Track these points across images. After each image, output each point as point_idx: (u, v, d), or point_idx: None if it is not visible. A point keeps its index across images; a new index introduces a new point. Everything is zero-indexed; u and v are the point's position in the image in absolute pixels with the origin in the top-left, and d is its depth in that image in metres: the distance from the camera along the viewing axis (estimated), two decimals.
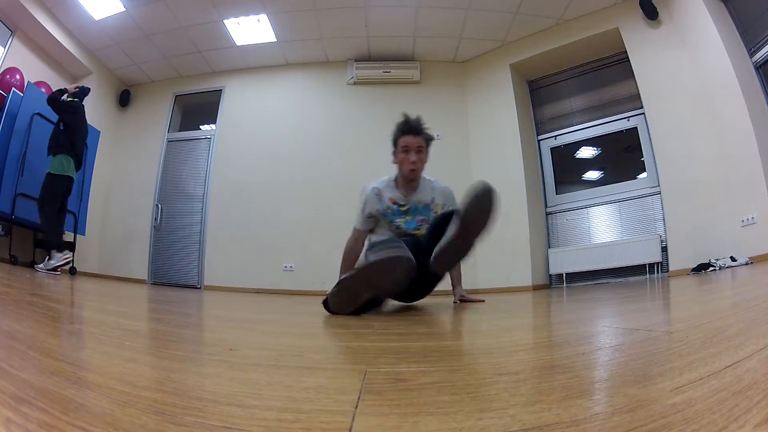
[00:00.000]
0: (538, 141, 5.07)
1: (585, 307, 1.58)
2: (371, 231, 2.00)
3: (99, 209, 5.17)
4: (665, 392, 0.35)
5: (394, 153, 1.95)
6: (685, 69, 3.93)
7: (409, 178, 1.92)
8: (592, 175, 5.11)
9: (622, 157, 4.81)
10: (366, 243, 2.00)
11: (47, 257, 3.54)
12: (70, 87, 3.86)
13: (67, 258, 3.59)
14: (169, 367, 0.51)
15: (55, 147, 3.68)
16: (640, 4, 4.15)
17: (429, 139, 1.93)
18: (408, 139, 1.88)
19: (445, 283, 1.87)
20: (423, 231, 1.88)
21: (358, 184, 2.06)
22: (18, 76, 4.18)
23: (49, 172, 3.62)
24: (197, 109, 5.93)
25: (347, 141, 5.18)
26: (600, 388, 0.41)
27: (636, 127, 4.41)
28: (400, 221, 1.92)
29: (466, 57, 5.32)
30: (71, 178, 3.74)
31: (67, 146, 3.71)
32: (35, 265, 3.59)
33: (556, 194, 4.87)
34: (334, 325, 1.15)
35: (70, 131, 3.77)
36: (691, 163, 3.82)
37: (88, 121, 4.69)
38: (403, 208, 1.92)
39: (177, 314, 1.44)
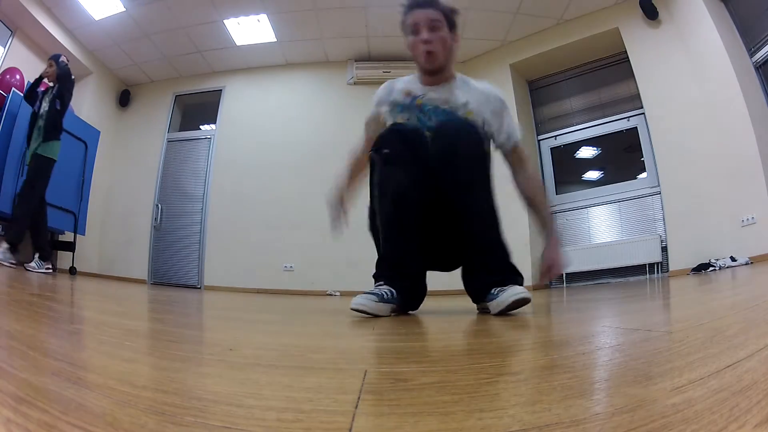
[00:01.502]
0: (538, 141, 5.07)
1: (585, 307, 1.58)
2: None
3: (99, 209, 5.17)
4: (665, 392, 0.35)
5: (407, 42, 1.42)
6: (684, 69, 3.93)
7: (428, 68, 1.38)
8: (592, 175, 5.12)
9: (622, 157, 4.81)
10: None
11: (35, 255, 3.20)
12: (48, 72, 3.43)
13: (48, 268, 3.24)
14: (169, 367, 0.51)
15: (55, 131, 3.34)
16: (640, 4, 4.15)
17: (449, 13, 1.38)
18: (417, 14, 1.35)
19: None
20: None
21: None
22: (18, 76, 4.18)
23: (48, 158, 3.29)
24: (197, 109, 5.94)
25: (347, 141, 5.15)
26: (600, 388, 0.41)
27: (636, 127, 4.41)
28: (403, 117, 1.40)
29: (466, 57, 5.32)
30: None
31: (61, 128, 3.44)
32: (25, 265, 3.27)
33: (556, 194, 4.87)
34: (334, 325, 1.15)
35: (64, 111, 3.46)
36: (691, 163, 3.82)
37: (88, 121, 4.71)
38: (417, 101, 1.40)
39: (177, 314, 1.44)
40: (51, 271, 3.39)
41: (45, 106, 3.45)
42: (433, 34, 1.35)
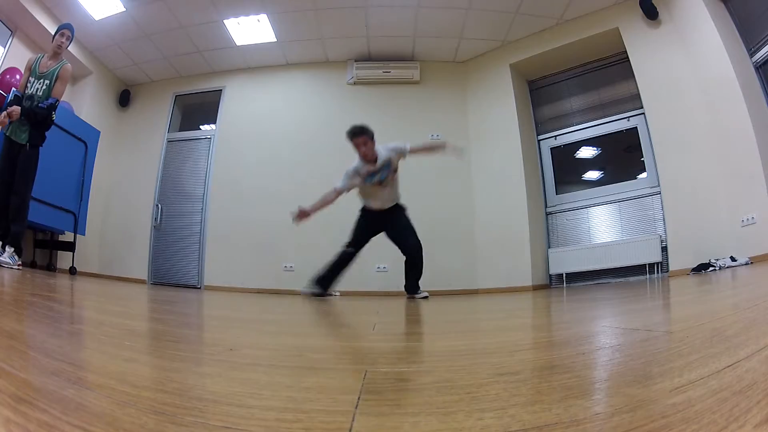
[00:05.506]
0: (538, 141, 5.07)
1: (585, 307, 1.58)
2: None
3: (99, 209, 5.16)
4: (665, 392, 0.35)
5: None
6: (685, 69, 3.93)
7: (368, 161, 3.12)
8: (592, 175, 5.11)
9: (622, 157, 4.80)
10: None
11: (4, 247, 2.89)
12: (62, 44, 3.25)
13: (20, 264, 2.98)
14: (169, 367, 0.51)
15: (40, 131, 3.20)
16: (640, 4, 4.15)
17: (370, 134, 3.11)
18: (355, 140, 3.08)
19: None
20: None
21: None
22: (18, 76, 4.17)
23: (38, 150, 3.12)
24: (197, 109, 5.93)
25: (347, 141, 5.17)
26: (600, 388, 0.41)
27: (636, 127, 4.41)
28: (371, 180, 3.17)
29: (466, 57, 5.32)
30: None
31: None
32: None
33: (556, 194, 4.86)
34: (334, 325, 1.15)
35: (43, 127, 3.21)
36: (691, 163, 3.82)
37: (88, 121, 4.71)
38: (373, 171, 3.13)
39: (177, 314, 1.44)
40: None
41: (40, 86, 3.16)
42: (366, 147, 3.08)
